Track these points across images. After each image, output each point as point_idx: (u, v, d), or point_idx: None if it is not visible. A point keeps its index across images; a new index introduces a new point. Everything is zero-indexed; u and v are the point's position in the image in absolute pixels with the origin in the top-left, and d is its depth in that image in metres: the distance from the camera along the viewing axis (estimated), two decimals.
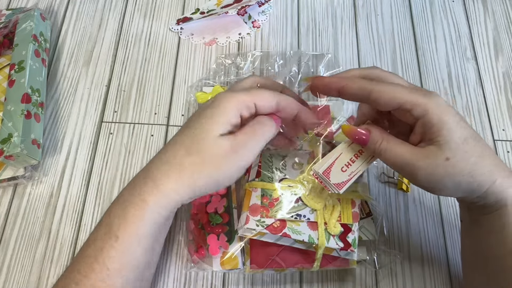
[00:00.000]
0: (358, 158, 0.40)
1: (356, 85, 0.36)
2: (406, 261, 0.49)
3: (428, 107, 0.34)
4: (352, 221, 0.43)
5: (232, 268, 0.44)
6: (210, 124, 0.37)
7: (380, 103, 0.35)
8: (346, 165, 0.40)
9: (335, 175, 0.39)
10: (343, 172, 0.40)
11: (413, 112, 0.34)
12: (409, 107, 0.34)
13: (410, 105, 0.34)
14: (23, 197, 0.50)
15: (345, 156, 0.40)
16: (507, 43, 0.63)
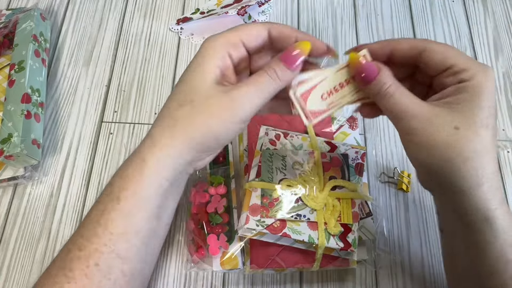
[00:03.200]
0: (343, 88, 0.35)
1: (407, 44, 0.34)
2: (406, 261, 0.49)
3: (479, 73, 0.31)
4: (352, 221, 0.44)
5: (232, 268, 0.44)
6: (199, 72, 0.34)
7: (432, 64, 0.33)
8: (328, 92, 0.35)
9: (312, 101, 0.35)
10: (322, 100, 0.35)
11: (460, 75, 0.32)
12: (461, 68, 0.32)
13: (463, 65, 0.32)
14: (23, 197, 0.50)
15: (330, 82, 0.35)
16: (507, 43, 0.63)
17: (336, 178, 0.45)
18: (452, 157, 0.31)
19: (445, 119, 0.31)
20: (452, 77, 0.32)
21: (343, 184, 0.45)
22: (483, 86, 0.31)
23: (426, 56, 0.33)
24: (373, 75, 0.33)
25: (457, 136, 0.31)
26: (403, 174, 0.52)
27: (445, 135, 0.31)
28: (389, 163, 0.54)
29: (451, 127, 0.31)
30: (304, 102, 0.35)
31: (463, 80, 0.32)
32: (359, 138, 0.52)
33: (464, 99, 0.31)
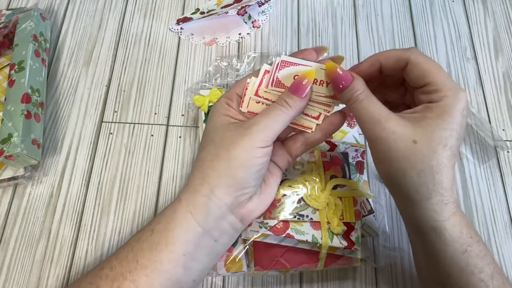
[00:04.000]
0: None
1: (392, 58, 0.35)
2: (406, 260, 0.49)
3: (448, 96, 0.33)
4: (354, 219, 0.44)
5: (237, 271, 0.44)
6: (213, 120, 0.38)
7: (411, 77, 0.35)
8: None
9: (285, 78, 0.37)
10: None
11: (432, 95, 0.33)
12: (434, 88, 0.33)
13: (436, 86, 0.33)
14: (23, 197, 0.50)
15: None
16: (507, 43, 0.63)
17: (337, 177, 0.45)
18: (407, 168, 0.33)
19: (407, 132, 0.33)
20: (425, 95, 0.34)
21: (344, 182, 0.45)
22: (449, 109, 0.33)
23: (408, 69, 0.35)
24: (347, 82, 0.35)
25: (414, 149, 0.33)
26: None
27: (403, 146, 0.33)
28: None
29: (410, 140, 0.33)
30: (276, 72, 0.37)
31: (433, 101, 0.34)
32: (358, 136, 0.52)
33: (429, 117, 0.33)
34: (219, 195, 0.35)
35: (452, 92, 0.33)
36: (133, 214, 0.50)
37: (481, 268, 0.34)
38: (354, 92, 0.35)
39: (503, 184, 0.53)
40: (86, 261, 0.47)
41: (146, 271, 0.34)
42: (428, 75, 0.34)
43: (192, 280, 0.37)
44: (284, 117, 0.36)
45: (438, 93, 0.33)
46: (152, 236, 0.35)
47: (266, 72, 0.39)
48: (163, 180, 0.52)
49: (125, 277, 0.34)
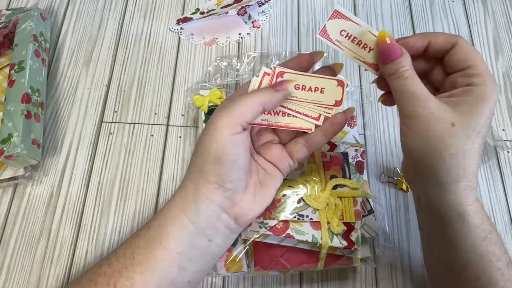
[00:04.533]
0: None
1: (442, 37, 0.35)
2: (406, 260, 0.49)
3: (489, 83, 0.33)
4: (354, 219, 0.44)
5: (237, 271, 0.44)
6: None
7: (455, 58, 0.35)
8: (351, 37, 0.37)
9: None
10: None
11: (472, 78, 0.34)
12: (476, 72, 0.34)
13: (479, 70, 0.34)
14: (23, 197, 0.50)
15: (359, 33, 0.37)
16: (507, 43, 0.63)
17: (337, 177, 0.45)
18: (441, 149, 0.33)
19: (446, 114, 0.33)
20: (464, 78, 0.34)
21: (344, 182, 0.45)
22: (488, 95, 0.33)
23: (454, 51, 0.35)
24: (396, 56, 0.35)
25: (451, 131, 0.33)
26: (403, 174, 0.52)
27: (441, 127, 0.33)
28: (389, 163, 0.54)
29: (448, 122, 0.33)
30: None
31: (473, 84, 0.34)
32: (357, 136, 0.52)
33: (468, 102, 0.33)
34: (205, 192, 0.35)
35: (491, 81, 0.34)
36: (133, 214, 0.50)
37: (498, 256, 0.34)
38: (400, 67, 0.35)
39: (503, 184, 0.53)
40: (86, 261, 0.47)
41: (141, 268, 0.34)
42: (472, 59, 0.34)
43: (187, 281, 0.37)
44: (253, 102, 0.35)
45: (479, 77, 0.34)
46: (149, 233, 0.36)
47: (265, 74, 0.39)
48: (163, 180, 0.52)
49: (121, 274, 0.34)
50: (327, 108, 0.39)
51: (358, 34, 0.37)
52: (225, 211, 0.36)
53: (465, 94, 0.34)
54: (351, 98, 0.56)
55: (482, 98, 0.33)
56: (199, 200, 0.35)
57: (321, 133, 0.39)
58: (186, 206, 0.36)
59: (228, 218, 0.37)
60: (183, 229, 0.35)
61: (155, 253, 0.35)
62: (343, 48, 0.37)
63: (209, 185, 0.35)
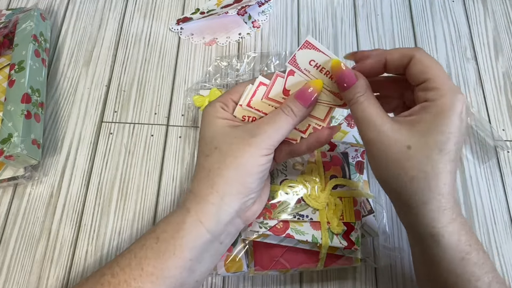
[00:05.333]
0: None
1: (397, 53, 0.35)
2: (406, 260, 0.49)
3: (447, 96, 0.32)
4: (354, 219, 0.44)
5: (237, 271, 0.44)
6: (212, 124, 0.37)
7: (412, 72, 0.34)
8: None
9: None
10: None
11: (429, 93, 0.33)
12: (433, 85, 0.33)
13: (436, 83, 0.33)
14: (23, 197, 0.50)
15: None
16: (507, 43, 0.63)
17: (337, 177, 0.45)
18: (399, 174, 0.33)
19: (401, 137, 0.33)
20: (422, 93, 0.34)
21: (344, 182, 0.45)
22: (447, 110, 0.32)
23: (411, 64, 0.35)
24: (351, 82, 0.35)
25: (406, 155, 0.32)
26: None
27: (397, 151, 0.33)
28: None
29: (403, 145, 0.32)
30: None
31: (429, 99, 0.33)
32: (358, 136, 0.52)
33: (425, 119, 0.33)
34: (229, 202, 0.35)
35: (451, 92, 0.33)
36: (133, 214, 0.50)
37: (478, 276, 0.33)
38: (356, 93, 0.35)
39: (503, 184, 0.53)
40: (86, 261, 0.47)
41: (152, 278, 0.34)
42: (429, 72, 0.33)
43: (195, 281, 0.37)
44: (288, 125, 0.36)
45: (436, 91, 0.33)
46: (158, 244, 0.35)
47: (260, 84, 0.39)
48: (163, 180, 0.52)
49: (129, 284, 0.34)
50: (318, 120, 0.39)
51: (325, 64, 0.37)
52: (239, 216, 0.37)
53: (422, 111, 0.33)
54: None
55: (440, 114, 0.32)
56: (221, 210, 0.35)
57: (305, 146, 0.39)
58: (205, 217, 0.35)
59: (240, 221, 0.38)
60: (200, 239, 0.35)
61: (167, 264, 0.34)
62: (310, 77, 0.37)
63: (235, 196, 0.35)
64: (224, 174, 0.35)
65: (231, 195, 0.35)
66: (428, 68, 0.34)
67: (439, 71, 0.34)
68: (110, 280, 0.35)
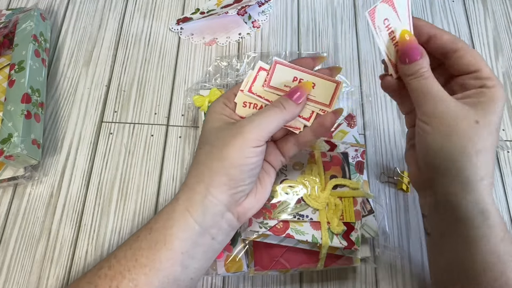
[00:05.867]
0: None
1: (447, 36, 0.36)
2: (406, 261, 0.49)
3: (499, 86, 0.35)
4: (354, 219, 0.44)
5: (237, 271, 0.44)
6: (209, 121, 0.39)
7: (460, 63, 0.36)
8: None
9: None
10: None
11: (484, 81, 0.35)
12: (486, 75, 0.35)
13: (488, 74, 0.35)
14: (23, 197, 0.50)
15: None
16: (507, 43, 0.63)
17: (337, 177, 0.45)
18: (467, 146, 0.34)
19: (469, 112, 0.34)
20: (476, 81, 0.36)
21: (344, 182, 0.45)
22: (499, 97, 0.35)
23: (458, 55, 0.36)
24: (416, 57, 0.35)
25: (476, 129, 0.34)
26: (403, 174, 0.52)
27: (466, 125, 0.34)
28: (389, 163, 0.54)
29: (472, 120, 0.34)
30: None
31: (486, 86, 0.35)
32: (357, 136, 0.52)
33: (484, 102, 0.35)
34: (214, 193, 0.35)
35: (500, 83, 0.35)
36: (133, 214, 0.50)
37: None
38: (420, 68, 0.35)
39: (503, 184, 0.53)
40: (86, 261, 0.47)
41: (145, 269, 0.34)
42: (480, 63, 0.35)
43: (190, 278, 0.37)
44: (278, 118, 0.36)
45: (489, 80, 0.35)
46: (151, 235, 0.36)
47: (260, 69, 0.39)
48: (163, 180, 0.52)
49: (124, 276, 0.34)
50: (322, 105, 0.39)
51: (396, 29, 0.37)
52: (230, 210, 0.37)
53: (480, 95, 0.35)
54: (351, 98, 0.56)
55: (496, 99, 0.34)
56: (206, 200, 0.36)
57: (311, 133, 0.39)
58: (192, 206, 0.36)
59: (232, 216, 0.37)
60: (188, 229, 0.35)
61: (159, 255, 0.35)
62: (379, 36, 0.37)
63: (220, 187, 0.36)
64: (209, 165, 0.36)
65: (215, 186, 0.35)
66: (478, 59, 0.36)
67: (485, 63, 0.36)
68: (107, 272, 0.35)
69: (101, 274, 0.35)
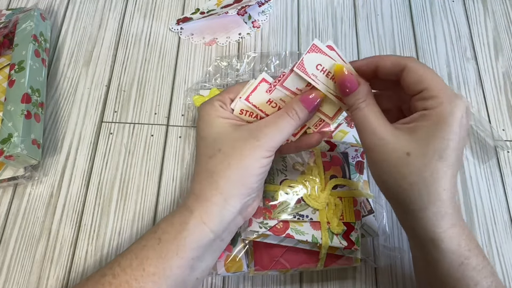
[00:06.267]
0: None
1: (389, 61, 0.35)
2: (406, 260, 0.49)
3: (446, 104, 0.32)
4: (354, 219, 0.44)
5: (237, 271, 0.44)
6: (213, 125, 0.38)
7: (407, 83, 0.34)
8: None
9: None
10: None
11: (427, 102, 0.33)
12: (431, 94, 0.33)
13: (433, 92, 0.33)
14: (23, 197, 0.50)
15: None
16: (507, 43, 0.63)
17: (337, 177, 0.45)
18: (399, 179, 0.33)
19: (401, 143, 0.33)
20: (421, 102, 0.34)
21: (344, 182, 0.45)
22: (446, 117, 0.32)
23: (405, 74, 0.34)
24: (353, 88, 0.35)
25: (406, 161, 0.33)
26: None
27: (396, 158, 0.33)
28: None
29: (403, 152, 0.33)
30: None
31: (428, 108, 0.33)
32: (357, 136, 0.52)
33: (424, 127, 0.33)
34: (232, 203, 0.36)
35: (449, 99, 0.33)
36: (133, 214, 0.50)
37: (477, 281, 0.33)
38: (357, 99, 0.35)
39: (503, 184, 0.53)
40: (86, 262, 0.47)
41: (154, 278, 0.34)
42: (424, 81, 0.33)
43: (196, 278, 0.37)
44: (291, 128, 0.37)
45: (434, 99, 0.33)
46: (160, 245, 0.35)
47: (263, 81, 0.39)
48: (163, 180, 0.52)
49: (130, 285, 0.34)
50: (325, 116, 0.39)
51: (331, 69, 0.36)
52: (241, 214, 0.38)
53: (422, 119, 0.33)
54: None
55: (440, 122, 0.32)
56: (225, 211, 0.36)
57: (293, 146, 0.40)
58: (209, 217, 0.35)
59: (241, 219, 0.38)
60: (203, 239, 0.35)
61: (170, 263, 0.35)
62: (317, 82, 0.37)
63: (238, 196, 0.36)
64: (227, 176, 0.35)
65: (234, 196, 0.36)
66: (423, 77, 0.34)
67: (435, 79, 0.33)
68: (111, 280, 0.35)
69: (104, 282, 0.35)
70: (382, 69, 0.36)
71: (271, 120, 0.37)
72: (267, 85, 0.39)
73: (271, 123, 0.37)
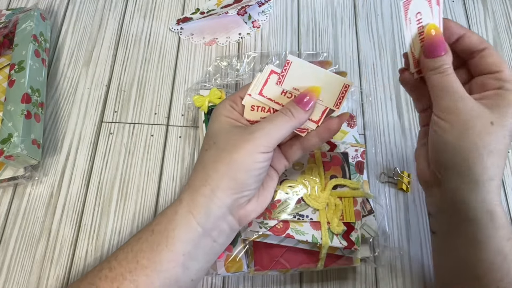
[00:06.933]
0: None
1: (476, 36, 0.37)
2: (406, 260, 0.49)
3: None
4: (354, 219, 0.44)
5: (237, 271, 0.44)
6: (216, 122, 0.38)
7: (484, 63, 0.36)
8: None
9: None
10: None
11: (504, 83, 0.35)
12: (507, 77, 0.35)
13: (506, 77, 0.35)
14: (23, 197, 0.50)
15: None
16: (507, 43, 0.63)
17: (337, 177, 0.45)
18: (479, 146, 0.34)
19: (485, 113, 0.34)
20: (496, 81, 0.36)
21: (344, 182, 0.45)
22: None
23: (484, 54, 0.37)
24: (441, 52, 0.36)
25: (490, 129, 0.34)
26: (403, 174, 0.52)
27: (481, 125, 0.34)
28: (389, 163, 0.54)
29: (488, 120, 0.34)
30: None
31: (504, 88, 0.35)
32: (357, 136, 0.52)
33: (501, 104, 0.35)
34: (220, 196, 0.35)
35: None
36: (133, 214, 0.50)
37: None
38: (443, 64, 0.36)
39: (503, 184, 0.53)
40: (86, 261, 0.47)
41: (146, 271, 0.35)
42: (502, 65, 0.36)
43: (191, 279, 0.37)
44: (287, 126, 0.37)
45: (510, 83, 0.35)
46: (152, 236, 0.36)
47: (272, 72, 0.38)
48: (163, 180, 0.52)
49: (124, 277, 0.34)
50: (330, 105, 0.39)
51: (426, 24, 0.36)
52: (232, 213, 0.37)
53: (497, 97, 0.35)
54: (351, 98, 0.56)
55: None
56: (211, 203, 0.35)
57: (316, 137, 0.39)
58: (196, 208, 0.36)
59: (233, 219, 0.37)
60: (190, 231, 0.35)
61: (160, 256, 0.35)
62: (408, 28, 0.37)
63: (227, 190, 0.35)
64: (217, 168, 0.36)
65: (222, 189, 0.35)
66: (501, 61, 0.36)
67: (507, 67, 0.36)
68: (107, 274, 0.35)
69: (101, 276, 0.35)
70: (466, 40, 0.37)
71: (268, 118, 0.37)
72: (277, 76, 0.38)
73: (267, 120, 0.37)
